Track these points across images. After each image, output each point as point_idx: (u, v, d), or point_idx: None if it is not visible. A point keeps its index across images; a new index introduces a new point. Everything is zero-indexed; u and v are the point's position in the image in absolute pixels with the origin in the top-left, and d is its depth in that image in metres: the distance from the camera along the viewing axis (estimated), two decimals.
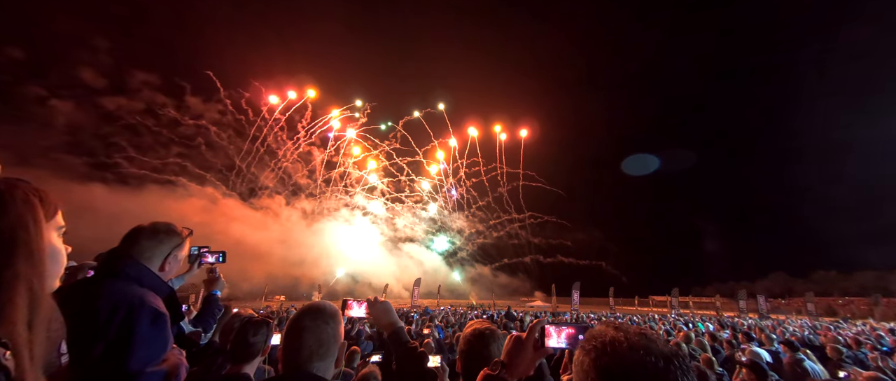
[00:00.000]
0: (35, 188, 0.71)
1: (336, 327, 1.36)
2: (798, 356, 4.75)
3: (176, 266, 1.71)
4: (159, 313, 1.40)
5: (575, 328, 1.12)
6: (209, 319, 2.29)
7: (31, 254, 0.64)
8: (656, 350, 0.74)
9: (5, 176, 0.70)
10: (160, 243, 1.65)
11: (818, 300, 28.00)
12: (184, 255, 1.77)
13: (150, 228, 1.66)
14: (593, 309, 29.68)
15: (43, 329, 0.64)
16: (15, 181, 0.69)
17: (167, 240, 1.67)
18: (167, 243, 1.67)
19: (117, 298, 1.32)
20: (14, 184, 0.68)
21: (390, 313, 1.72)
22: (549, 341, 1.14)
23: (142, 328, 1.31)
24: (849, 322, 18.52)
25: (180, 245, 1.72)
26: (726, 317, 22.83)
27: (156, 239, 1.64)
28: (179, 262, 1.74)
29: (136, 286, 1.44)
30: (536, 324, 1.17)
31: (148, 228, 1.66)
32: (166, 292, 1.57)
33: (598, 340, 0.80)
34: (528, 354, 1.14)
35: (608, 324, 0.84)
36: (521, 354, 1.14)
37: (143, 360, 1.27)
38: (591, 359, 0.79)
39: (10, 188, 0.67)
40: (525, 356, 1.14)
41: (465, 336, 1.60)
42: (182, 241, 1.74)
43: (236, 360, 1.97)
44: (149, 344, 1.31)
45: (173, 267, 1.70)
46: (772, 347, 6.37)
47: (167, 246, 1.66)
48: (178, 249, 1.71)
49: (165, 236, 1.68)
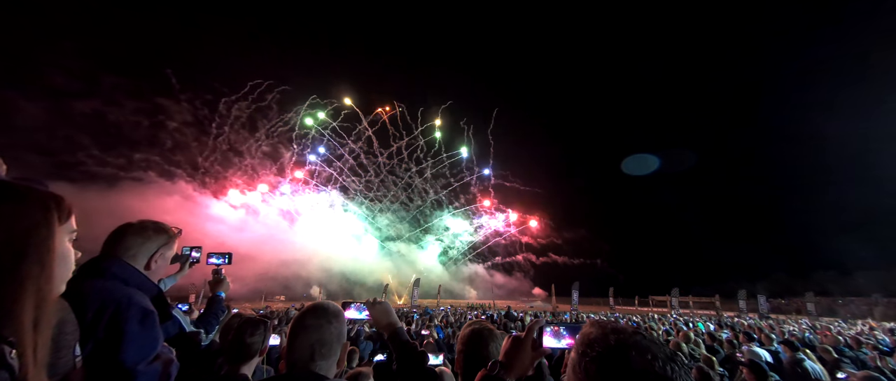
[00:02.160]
0: (52, 193, 0.72)
1: (339, 326, 1.36)
2: (798, 356, 4.75)
3: (163, 266, 1.68)
4: (148, 311, 1.38)
5: (574, 328, 1.11)
6: (212, 319, 2.29)
7: (42, 257, 0.65)
8: (653, 350, 0.74)
9: (24, 178, 0.71)
10: (147, 240, 1.62)
11: (818, 300, 28.01)
12: (171, 254, 1.73)
13: (138, 225, 1.63)
14: (593, 309, 29.69)
15: (48, 330, 0.65)
16: (32, 185, 0.71)
17: (155, 238, 1.64)
18: (154, 241, 1.63)
19: (104, 297, 1.30)
20: (31, 187, 0.70)
21: (390, 314, 1.72)
22: (547, 341, 1.13)
23: (131, 327, 1.29)
24: (849, 322, 18.53)
25: (168, 244, 1.69)
26: (726, 317, 22.83)
27: (143, 237, 1.61)
28: (167, 261, 1.71)
29: (121, 285, 1.42)
30: (534, 324, 1.16)
31: (135, 225, 1.63)
32: (154, 291, 1.55)
33: (593, 340, 0.80)
34: (526, 354, 1.14)
35: (603, 324, 0.84)
36: (520, 354, 1.14)
37: (134, 358, 1.26)
38: (587, 360, 0.78)
39: (28, 192, 0.68)
40: (523, 357, 1.14)
41: (463, 336, 1.61)
42: (170, 240, 1.71)
43: (234, 360, 1.96)
44: (139, 342, 1.30)
45: (161, 267, 1.66)
46: (772, 347, 6.37)
47: (154, 244, 1.63)
48: (166, 248, 1.68)
49: (153, 233, 1.64)
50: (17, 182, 0.69)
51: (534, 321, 1.20)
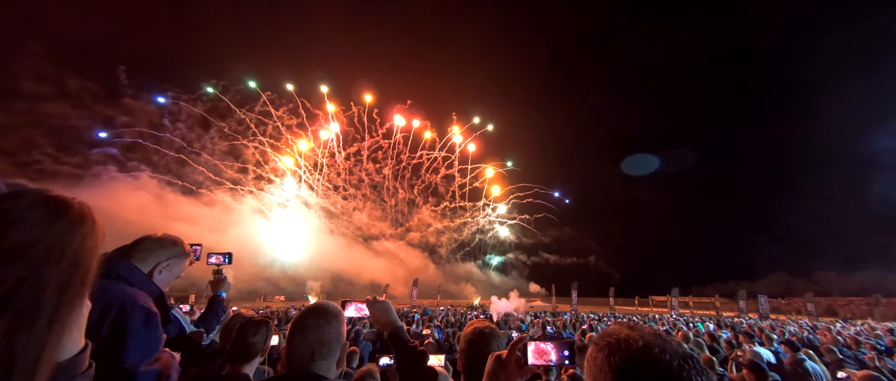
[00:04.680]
0: (89, 207, 0.75)
1: (339, 327, 1.36)
2: (799, 356, 4.76)
3: (168, 277, 1.72)
4: (151, 313, 1.40)
5: (558, 342, 1.07)
6: (213, 320, 2.30)
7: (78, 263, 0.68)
8: (671, 350, 0.74)
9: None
10: (162, 248, 1.69)
11: (818, 300, 28.02)
12: (181, 269, 1.80)
13: (158, 236, 1.73)
14: (593, 309, 29.70)
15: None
16: (73, 200, 0.74)
17: (170, 248, 1.72)
18: (166, 250, 1.70)
19: (109, 297, 1.31)
20: (74, 202, 0.73)
21: (390, 313, 1.72)
22: (532, 358, 1.06)
23: (135, 327, 1.30)
24: (849, 322, 18.54)
25: (179, 257, 1.75)
26: (726, 317, 22.85)
27: (158, 244, 1.69)
28: (173, 274, 1.75)
29: (125, 286, 1.44)
30: (518, 341, 1.10)
31: (155, 235, 1.72)
32: (156, 293, 1.57)
33: (612, 337, 0.80)
34: (511, 375, 1.08)
35: (622, 324, 0.84)
36: (503, 375, 1.08)
37: (137, 358, 1.27)
38: (605, 355, 0.79)
39: (71, 204, 0.71)
40: (508, 378, 1.08)
41: (465, 335, 1.62)
42: (182, 253, 1.77)
43: (235, 360, 1.96)
44: (142, 342, 1.31)
45: (166, 277, 1.70)
46: (772, 347, 6.38)
47: (164, 253, 1.69)
48: (175, 260, 1.73)
49: (170, 244, 1.73)
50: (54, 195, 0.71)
51: (517, 337, 1.13)
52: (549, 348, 1.06)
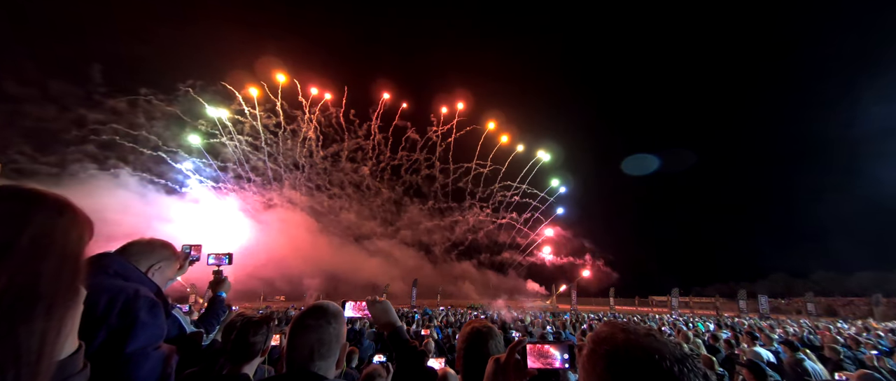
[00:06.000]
0: (67, 198, 0.75)
1: (338, 327, 1.37)
2: (798, 356, 4.76)
3: (160, 279, 1.73)
4: (155, 302, 1.43)
5: (557, 345, 1.05)
6: (213, 320, 2.31)
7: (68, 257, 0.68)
8: (667, 351, 0.74)
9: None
10: (153, 251, 1.72)
11: (818, 300, 28.02)
12: (172, 272, 1.82)
13: (147, 239, 1.75)
14: (593, 309, 29.70)
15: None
16: (48, 191, 0.73)
17: (161, 251, 1.75)
18: (157, 253, 1.73)
19: (114, 290, 1.35)
20: (50, 193, 0.72)
21: (389, 313, 1.73)
22: (531, 362, 1.04)
23: (142, 315, 1.34)
24: (849, 322, 18.52)
25: (169, 260, 1.78)
26: (726, 317, 22.84)
27: (149, 248, 1.72)
28: (165, 276, 1.77)
29: (123, 281, 1.46)
30: (516, 344, 1.09)
31: (144, 239, 1.74)
32: (153, 289, 1.59)
33: (607, 340, 0.79)
34: (509, 379, 1.06)
35: (616, 324, 0.83)
36: (502, 379, 1.07)
37: (144, 343, 1.31)
38: (599, 358, 0.78)
39: (62, 201, 0.71)
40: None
41: (463, 335, 1.63)
42: (173, 256, 1.80)
43: (236, 360, 1.97)
44: (149, 329, 1.35)
45: (158, 280, 1.71)
46: (772, 347, 6.38)
47: (156, 257, 1.72)
48: (166, 263, 1.76)
49: (159, 247, 1.75)
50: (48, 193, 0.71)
51: (515, 341, 1.11)
52: (548, 350, 1.04)
